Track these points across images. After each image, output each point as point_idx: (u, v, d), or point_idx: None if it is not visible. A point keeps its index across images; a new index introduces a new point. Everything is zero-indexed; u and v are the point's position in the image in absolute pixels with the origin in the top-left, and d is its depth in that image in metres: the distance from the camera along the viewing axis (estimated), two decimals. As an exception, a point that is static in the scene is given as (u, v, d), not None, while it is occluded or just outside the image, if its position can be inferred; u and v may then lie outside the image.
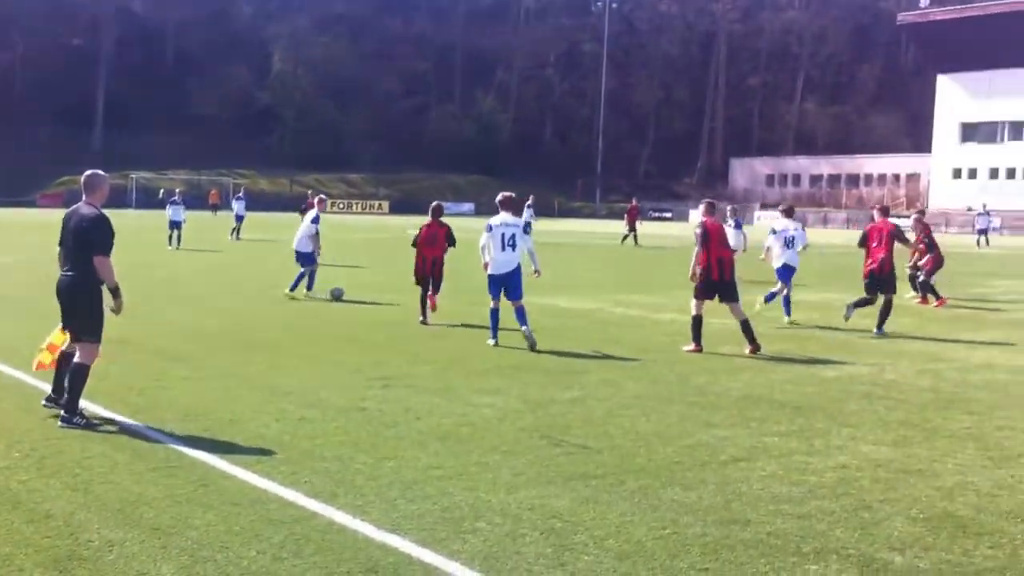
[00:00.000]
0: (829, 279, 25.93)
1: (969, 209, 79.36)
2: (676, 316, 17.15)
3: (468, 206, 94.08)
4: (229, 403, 9.48)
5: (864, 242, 15.90)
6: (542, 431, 8.56)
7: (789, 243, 16.85)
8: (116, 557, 5.56)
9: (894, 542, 5.97)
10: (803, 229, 17.10)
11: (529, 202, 44.95)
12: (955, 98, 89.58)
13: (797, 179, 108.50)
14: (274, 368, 11.44)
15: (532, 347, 12.96)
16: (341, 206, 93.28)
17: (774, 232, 17.00)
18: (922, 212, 21.73)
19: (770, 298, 17.04)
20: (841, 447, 8.24)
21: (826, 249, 42.73)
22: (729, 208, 28.30)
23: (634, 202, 47.65)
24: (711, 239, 13.23)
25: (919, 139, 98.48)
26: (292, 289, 18.89)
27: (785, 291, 16.81)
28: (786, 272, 16.80)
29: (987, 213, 52.82)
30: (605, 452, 7.92)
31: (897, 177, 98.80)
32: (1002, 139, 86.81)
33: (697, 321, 13.24)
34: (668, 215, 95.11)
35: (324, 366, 11.67)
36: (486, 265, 13.68)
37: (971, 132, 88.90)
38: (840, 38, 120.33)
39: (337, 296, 18.67)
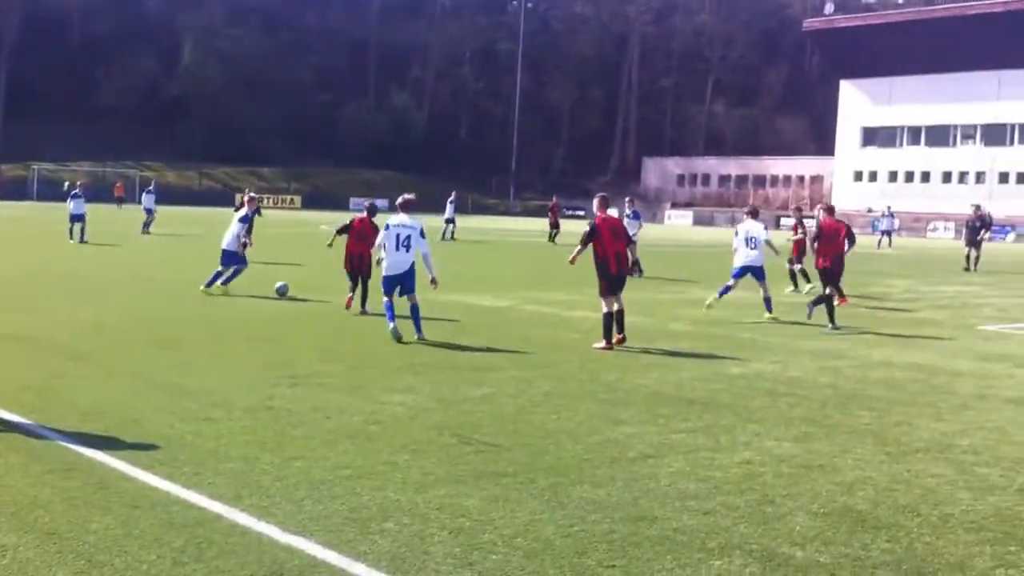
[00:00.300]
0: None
1: (870, 210, 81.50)
2: (588, 313, 17.26)
3: (381, 202, 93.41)
4: (130, 402, 9.26)
5: (816, 240, 16.50)
6: (452, 429, 8.53)
7: (752, 244, 17.26)
8: (10, 562, 5.38)
9: (796, 537, 6.08)
10: (766, 230, 17.71)
11: (452, 198, 45.12)
12: (857, 103, 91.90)
13: (707, 179, 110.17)
14: (179, 366, 11.21)
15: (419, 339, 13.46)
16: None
17: (738, 235, 17.49)
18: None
19: (721, 292, 17.60)
20: (746, 443, 8.38)
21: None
22: (627, 200, 29.37)
23: (555, 200, 47.86)
24: (602, 235, 13.46)
25: (823, 142, 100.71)
26: (209, 285, 18.62)
27: (732, 285, 17.43)
28: (741, 272, 17.33)
29: (891, 215, 54.17)
30: (515, 450, 7.92)
31: (802, 179, 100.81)
32: (901, 143, 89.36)
33: (608, 318, 13.38)
34: (581, 213, 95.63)
35: (231, 364, 11.48)
36: (379, 262, 14.02)
37: (872, 136, 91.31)
38: (748, 42, 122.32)
39: (282, 293, 18.41)
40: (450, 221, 43.84)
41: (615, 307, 13.46)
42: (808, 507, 6.67)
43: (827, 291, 16.36)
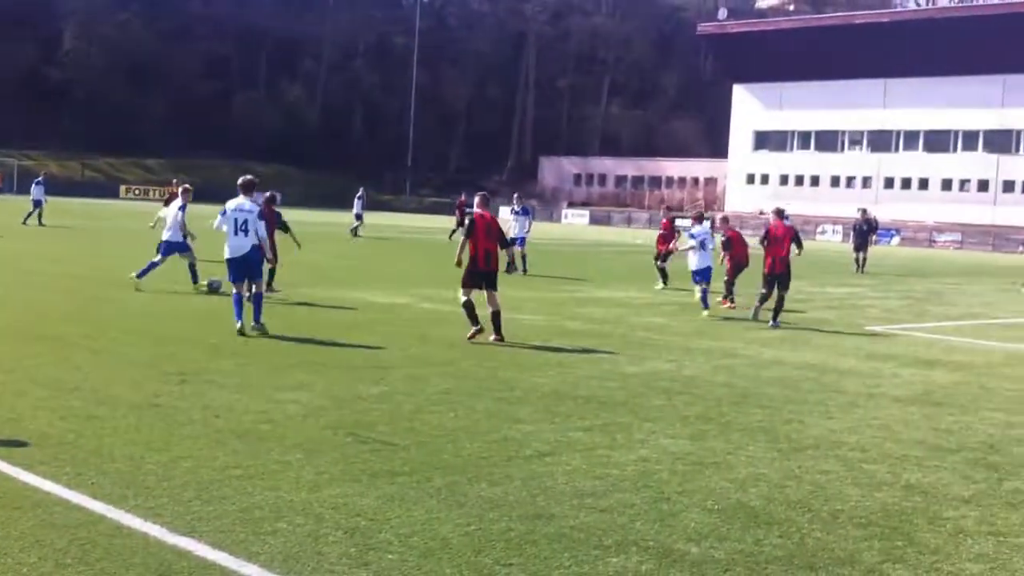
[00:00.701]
0: (632, 277, 26.63)
1: (762, 212, 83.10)
2: (484, 312, 17.23)
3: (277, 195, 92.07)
4: (9, 400, 8.89)
5: (765, 241, 17.66)
6: (347, 428, 8.40)
7: (703, 245, 18.75)
8: None
9: (691, 533, 6.13)
10: (711, 234, 19.45)
11: (360, 194, 45.07)
12: (749, 107, 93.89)
13: (603, 179, 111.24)
14: (61, 362, 10.81)
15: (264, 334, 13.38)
16: (137, 192, 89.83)
17: (693, 236, 19.02)
18: (726, 219, 23.14)
19: (704, 300, 18.38)
20: (642, 441, 8.43)
21: (636, 247, 43.81)
22: (515, 196, 30.08)
23: (463, 196, 47.38)
24: (477, 232, 13.87)
25: (717, 145, 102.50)
26: (140, 276, 18.13)
27: (704, 288, 18.45)
28: (706, 273, 18.58)
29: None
30: (411, 448, 7.83)
31: (696, 180, 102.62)
32: (792, 148, 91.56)
33: (468, 305, 13.78)
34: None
35: (116, 360, 11.11)
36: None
37: (763, 140, 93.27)
38: (644, 45, 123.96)
39: (215, 288, 17.82)
40: (359, 217, 43.71)
41: (494, 308, 13.81)
42: (703, 504, 6.73)
43: (766, 291, 17.33)
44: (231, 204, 13.79)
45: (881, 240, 70.94)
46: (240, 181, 14.12)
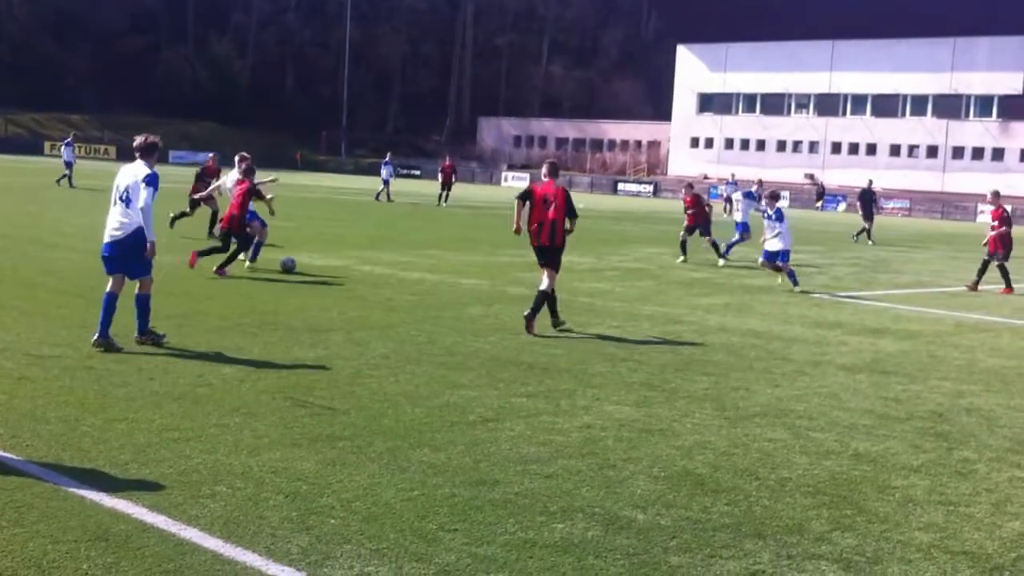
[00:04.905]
0: (573, 243, 26.52)
1: (706, 177, 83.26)
2: (424, 275, 17.13)
3: (205, 156, 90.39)
4: (-65, 359, 8.62)
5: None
6: (286, 392, 8.28)
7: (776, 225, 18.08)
8: None
9: (637, 500, 6.11)
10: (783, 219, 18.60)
11: (387, 159, 44.96)
12: (693, 69, 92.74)
13: (544, 141, 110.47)
14: (-11, 321, 10.50)
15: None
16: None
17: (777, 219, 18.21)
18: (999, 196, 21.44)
19: (791, 276, 18.06)
20: (586, 407, 8.39)
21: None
22: (731, 174, 28.28)
23: (448, 160, 46.65)
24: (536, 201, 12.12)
25: (660, 107, 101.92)
26: (253, 260, 17.07)
27: (782, 266, 18.01)
28: (785, 256, 18.06)
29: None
30: (352, 413, 7.74)
31: (639, 143, 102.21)
32: (737, 111, 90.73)
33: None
34: (417, 172, 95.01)
35: (46, 321, 10.82)
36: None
37: (708, 102, 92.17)
38: (585, 3, 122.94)
39: (288, 268, 16.66)
40: (386, 183, 44.10)
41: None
42: (649, 471, 6.71)
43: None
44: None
45: (827, 206, 71.12)
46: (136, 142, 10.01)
